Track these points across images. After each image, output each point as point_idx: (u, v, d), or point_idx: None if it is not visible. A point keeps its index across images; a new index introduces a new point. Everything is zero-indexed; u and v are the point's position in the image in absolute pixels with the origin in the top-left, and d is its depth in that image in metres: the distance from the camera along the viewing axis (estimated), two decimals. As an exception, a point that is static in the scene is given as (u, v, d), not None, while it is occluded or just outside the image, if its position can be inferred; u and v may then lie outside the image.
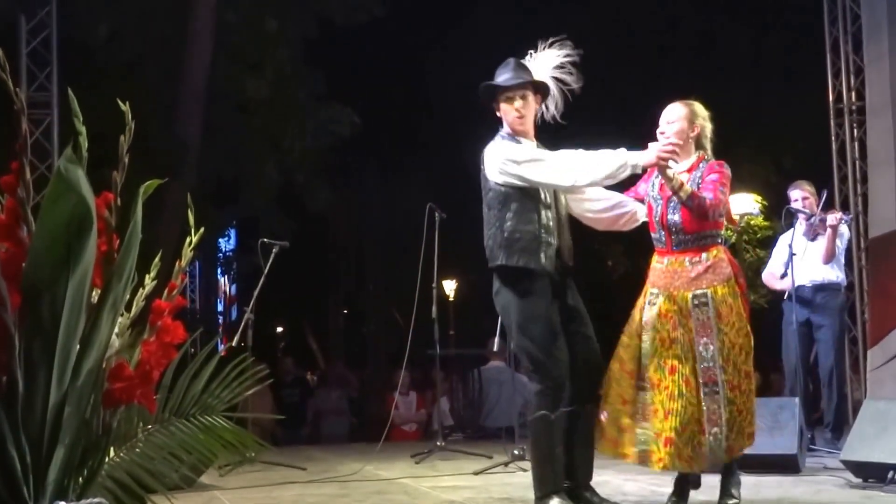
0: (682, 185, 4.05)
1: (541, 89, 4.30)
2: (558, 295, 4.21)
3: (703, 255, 4.12)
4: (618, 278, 18.21)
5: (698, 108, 4.32)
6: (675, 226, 4.13)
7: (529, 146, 4.25)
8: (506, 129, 4.30)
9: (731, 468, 4.22)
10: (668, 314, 4.07)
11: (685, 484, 4.27)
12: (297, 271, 19.30)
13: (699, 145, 4.26)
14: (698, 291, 4.07)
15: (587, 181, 4.06)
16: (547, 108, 4.38)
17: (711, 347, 4.03)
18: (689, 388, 3.99)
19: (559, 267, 4.22)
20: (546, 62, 4.36)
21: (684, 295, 4.07)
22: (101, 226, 1.91)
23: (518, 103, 4.23)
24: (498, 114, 4.31)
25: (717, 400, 3.98)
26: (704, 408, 3.99)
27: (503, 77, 4.27)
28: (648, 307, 4.13)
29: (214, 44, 11.76)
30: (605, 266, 18.64)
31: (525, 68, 4.32)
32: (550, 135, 4.43)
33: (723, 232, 4.28)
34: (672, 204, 4.13)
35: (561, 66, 4.34)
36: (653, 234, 4.24)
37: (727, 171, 4.17)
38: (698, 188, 4.07)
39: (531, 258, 4.11)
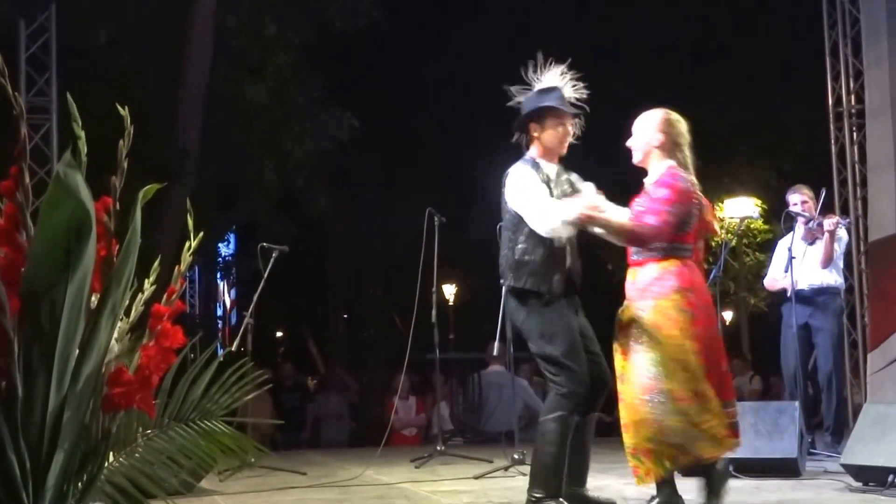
0: (615, 228, 4.12)
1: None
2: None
3: (654, 266, 4.12)
4: (618, 282, 18.27)
5: (668, 116, 4.27)
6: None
7: (552, 169, 4.30)
8: (533, 153, 4.33)
9: (710, 470, 4.16)
10: (620, 326, 4.17)
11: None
12: (296, 276, 19.32)
13: (670, 155, 4.20)
14: (642, 303, 4.09)
15: (555, 233, 4.15)
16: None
17: (650, 355, 4.02)
18: (623, 400, 4.09)
19: (569, 290, 4.27)
20: (562, 83, 4.36)
21: (632, 307, 4.14)
22: (100, 231, 1.91)
23: (570, 129, 4.33)
24: (533, 133, 4.32)
25: (665, 411, 3.94)
26: (652, 419, 3.96)
27: (557, 101, 4.28)
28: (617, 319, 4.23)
29: (214, 48, 11.77)
30: (605, 270, 18.66)
31: (556, 90, 4.36)
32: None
33: (687, 245, 4.18)
34: (633, 215, 4.18)
35: (574, 86, 4.36)
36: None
37: (680, 184, 4.11)
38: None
39: (541, 282, 4.19)
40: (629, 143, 4.28)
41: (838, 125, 9.18)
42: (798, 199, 7.10)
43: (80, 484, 1.97)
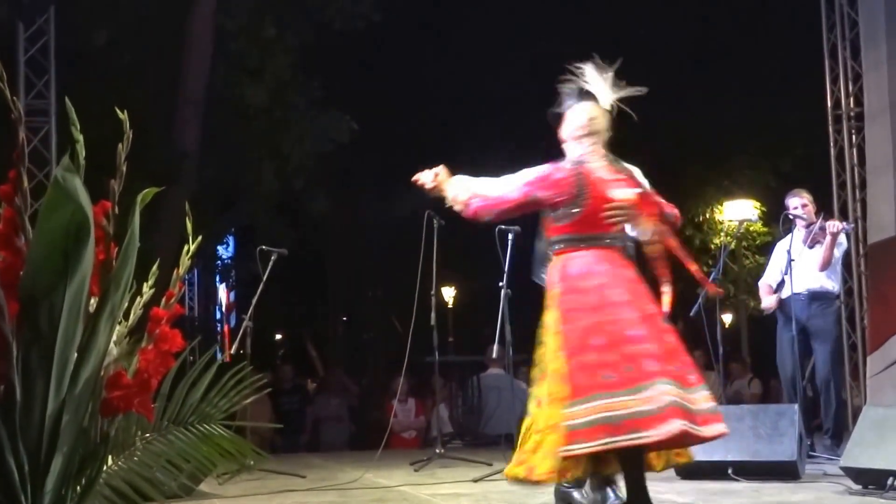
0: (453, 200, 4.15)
1: None
2: None
3: (552, 262, 4.13)
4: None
5: (593, 110, 4.20)
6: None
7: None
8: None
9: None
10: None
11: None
12: (295, 279, 19.30)
13: (579, 145, 4.15)
14: None
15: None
16: None
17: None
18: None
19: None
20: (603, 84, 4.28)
21: None
22: (98, 234, 1.90)
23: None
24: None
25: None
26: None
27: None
28: None
29: (213, 51, 11.77)
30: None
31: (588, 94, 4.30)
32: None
33: (565, 236, 4.06)
34: None
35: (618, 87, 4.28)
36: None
37: (548, 170, 4.09)
38: None
39: (537, 273, 4.20)
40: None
41: (837, 128, 9.19)
42: (798, 203, 7.10)
43: (78, 487, 1.96)
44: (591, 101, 4.19)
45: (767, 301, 7.09)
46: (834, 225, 6.91)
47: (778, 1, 13.81)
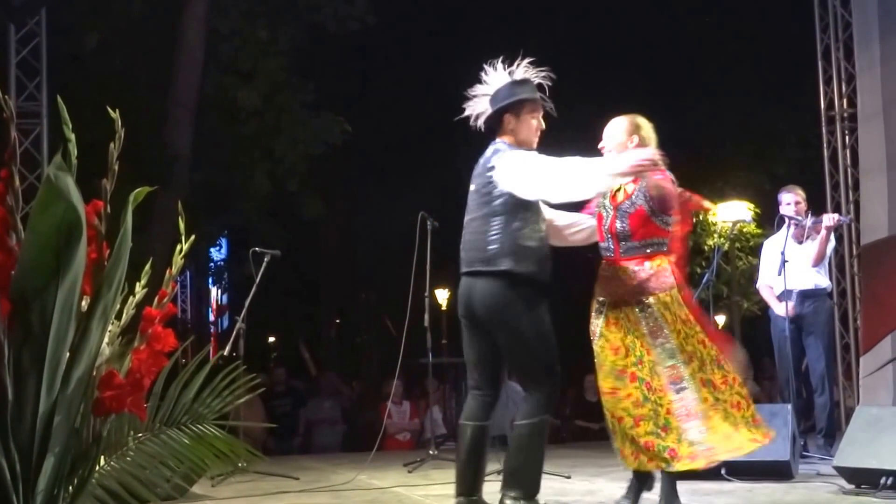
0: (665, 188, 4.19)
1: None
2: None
3: (647, 263, 4.19)
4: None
5: (639, 120, 4.36)
6: (622, 234, 4.23)
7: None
8: (509, 140, 4.26)
9: (671, 482, 4.19)
10: (616, 322, 4.18)
11: (641, 485, 4.31)
12: (289, 281, 19.28)
13: None
14: (643, 300, 4.14)
15: (600, 188, 4.11)
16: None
17: (669, 345, 4.09)
18: (654, 391, 4.08)
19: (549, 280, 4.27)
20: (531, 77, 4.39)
21: (629, 303, 4.17)
22: (90, 233, 1.90)
23: (541, 122, 4.33)
24: (508, 125, 4.27)
25: (686, 395, 4.04)
26: (676, 406, 4.05)
27: (531, 93, 4.27)
28: (596, 316, 4.26)
29: (205, 53, 11.75)
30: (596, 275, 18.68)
31: (529, 82, 4.36)
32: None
33: (662, 240, 4.26)
34: (620, 212, 4.23)
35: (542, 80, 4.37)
36: (601, 244, 4.35)
37: (669, 174, 4.24)
38: (645, 199, 4.21)
39: (538, 269, 4.14)
40: (603, 144, 4.36)
41: (830, 129, 9.20)
42: (791, 199, 7.10)
43: (70, 488, 1.96)
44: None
45: (780, 308, 7.01)
46: (830, 218, 6.91)
47: (771, 2, 13.84)
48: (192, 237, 2.25)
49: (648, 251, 4.19)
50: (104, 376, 1.98)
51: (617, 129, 4.34)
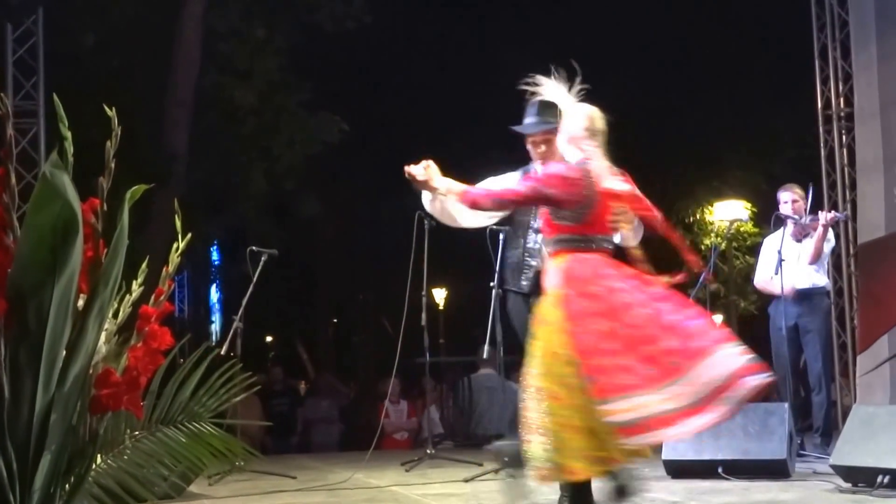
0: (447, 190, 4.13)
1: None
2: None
3: (552, 261, 4.05)
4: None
5: (570, 108, 4.17)
6: (541, 231, 4.30)
7: None
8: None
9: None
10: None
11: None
12: (286, 280, 19.28)
13: (579, 147, 4.11)
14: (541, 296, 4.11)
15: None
16: None
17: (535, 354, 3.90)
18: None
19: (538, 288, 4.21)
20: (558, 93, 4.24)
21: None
22: (87, 231, 1.90)
23: (542, 148, 4.37)
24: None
25: (540, 408, 3.76)
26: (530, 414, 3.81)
27: (527, 120, 4.29)
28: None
29: (202, 52, 11.75)
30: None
31: (550, 107, 4.26)
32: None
33: (569, 236, 4.00)
34: (540, 210, 4.22)
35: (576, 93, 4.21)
36: None
37: (554, 170, 4.08)
38: None
39: (514, 281, 4.14)
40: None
41: (827, 128, 9.21)
42: (789, 198, 7.11)
43: (67, 486, 1.96)
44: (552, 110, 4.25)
45: (774, 286, 6.99)
46: (825, 215, 6.92)
47: (768, 1, 13.84)
48: (189, 235, 2.25)
49: (558, 248, 4.02)
50: (101, 374, 1.98)
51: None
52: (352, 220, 18.10)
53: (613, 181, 4.01)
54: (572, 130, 4.10)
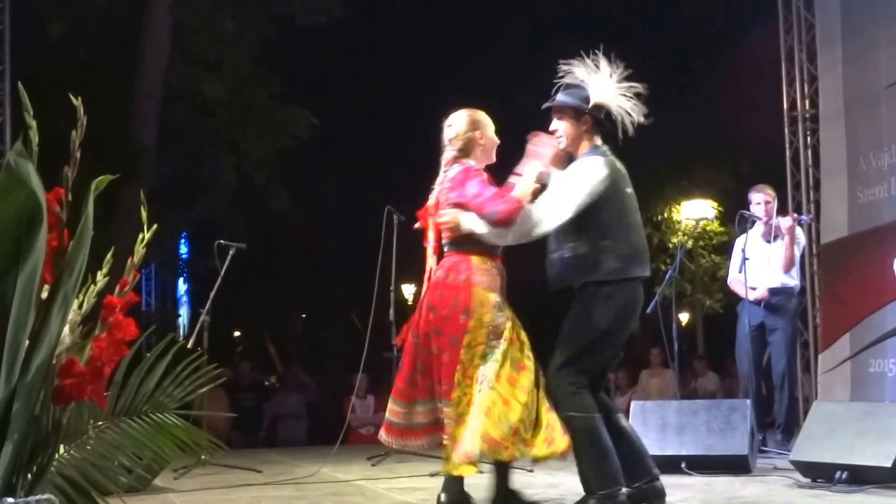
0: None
1: (589, 112, 4.19)
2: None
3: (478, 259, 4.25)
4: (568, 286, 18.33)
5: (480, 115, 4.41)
6: None
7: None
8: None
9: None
10: (513, 320, 4.23)
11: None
12: (255, 275, 19.21)
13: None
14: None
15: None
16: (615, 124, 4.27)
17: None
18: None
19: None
20: (608, 81, 4.26)
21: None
22: (52, 221, 1.90)
23: (552, 125, 4.26)
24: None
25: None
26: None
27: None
28: (497, 313, 4.18)
29: (171, 44, 11.68)
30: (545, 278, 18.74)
31: (574, 87, 4.23)
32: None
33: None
34: None
35: (623, 94, 4.27)
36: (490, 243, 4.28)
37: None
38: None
39: None
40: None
41: (793, 129, 9.31)
42: (761, 199, 7.16)
43: (29, 476, 1.96)
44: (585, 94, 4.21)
45: (754, 293, 7.04)
46: (787, 220, 6.98)
47: (736, 3, 13.96)
48: (155, 227, 2.25)
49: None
50: (64, 364, 1.98)
51: (461, 122, 4.34)
52: (321, 215, 18.08)
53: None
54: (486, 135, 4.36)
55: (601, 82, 4.22)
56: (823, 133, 8.77)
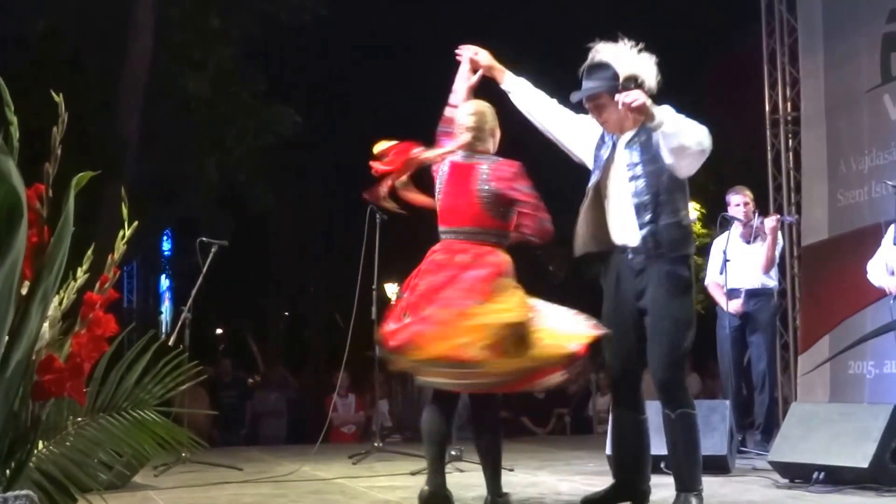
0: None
1: (624, 88, 3.98)
2: None
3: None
4: (558, 283, 18.37)
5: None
6: None
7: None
8: None
9: None
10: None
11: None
12: (237, 273, 19.16)
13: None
14: None
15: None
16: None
17: None
18: None
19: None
20: (626, 49, 4.13)
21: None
22: (32, 217, 1.90)
23: (591, 116, 4.16)
24: None
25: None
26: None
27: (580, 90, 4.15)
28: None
29: (155, 40, 11.63)
30: (546, 272, 18.79)
31: (597, 68, 4.10)
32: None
33: None
34: None
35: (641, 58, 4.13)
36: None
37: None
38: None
39: None
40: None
41: (774, 132, 9.38)
42: (740, 200, 7.15)
43: (7, 471, 1.96)
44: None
45: (733, 305, 7.05)
46: (771, 220, 7.00)
47: (719, 5, 14.02)
48: (136, 224, 2.25)
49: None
50: (44, 360, 1.98)
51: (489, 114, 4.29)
52: (304, 213, 18.05)
53: None
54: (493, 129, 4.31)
55: (621, 53, 4.09)
56: (805, 136, 8.85)
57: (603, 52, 4.09)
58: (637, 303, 4.01)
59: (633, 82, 4.02)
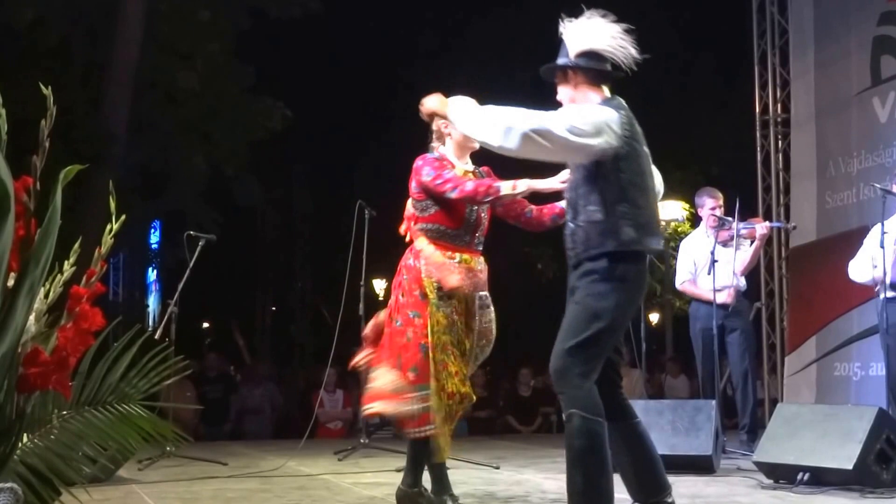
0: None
1: (574, 65, 3.72)
2: None
3: (482, 259, 4.29)
4: (546, 282, 18.41)
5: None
6: (481, 226, 4.27)
7: None
8: None
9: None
10: (460, 314, 4.17)
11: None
12: (225, 267, 19.14)
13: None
14: (482, 293, 4.23)
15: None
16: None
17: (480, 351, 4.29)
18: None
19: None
20: (588, 24, 3.83)
21: (472, 295, 4.18)
22: (19, 210, 1.88)
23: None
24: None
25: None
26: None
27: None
28: (441, 303, 4.11)
29: (144, 32, 11.59)
30: (534, 270, 18.83)
31: (558, 47, 3.81)
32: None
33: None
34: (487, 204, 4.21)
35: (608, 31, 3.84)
36: (452, 231, 4.18)
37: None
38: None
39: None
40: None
41: (764, 133, 9.40)
42: (714, 203, 7.09)
43: (-8, 464, 1.95)
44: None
45: (720, 296, 6.98)
46: (763, 227, 6.98)
47: (710, 6, 14.06)
48: (123, 217, 2.24)
49: (481, 248, 4.29)
50: (29, 353, 1.97)
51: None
52: (293, 208, 18.04)
53: None
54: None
55: (579, 28, 3.79)
56: (794, 137, 8.87)
57: (566, 29, 3.80)
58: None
59: (591, 58, 3.78)
